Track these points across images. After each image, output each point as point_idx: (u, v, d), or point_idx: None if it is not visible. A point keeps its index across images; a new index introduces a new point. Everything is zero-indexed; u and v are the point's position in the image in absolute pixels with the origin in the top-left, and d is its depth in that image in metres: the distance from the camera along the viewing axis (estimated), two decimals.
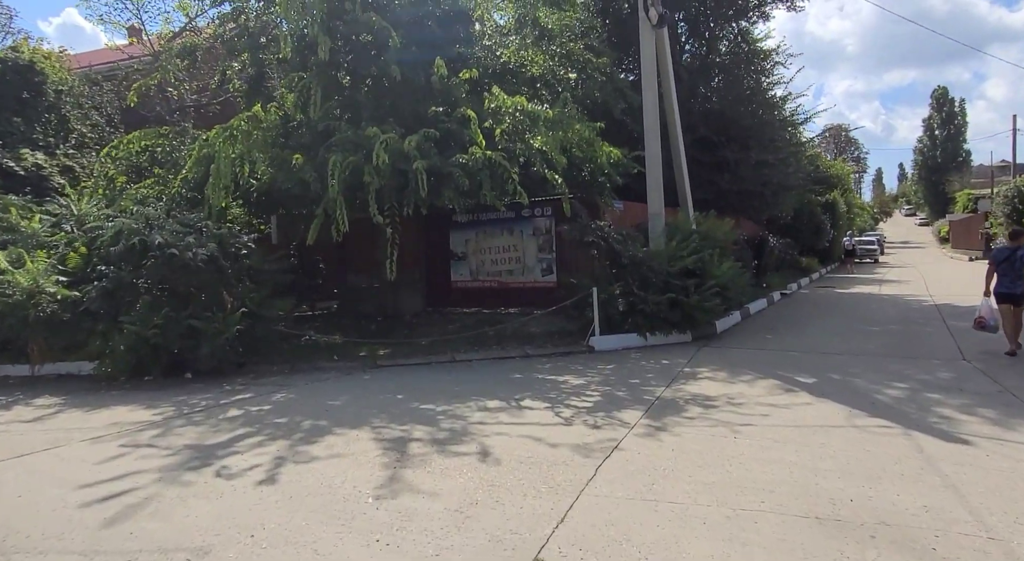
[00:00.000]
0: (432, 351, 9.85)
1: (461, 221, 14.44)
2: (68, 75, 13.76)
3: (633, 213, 13.56)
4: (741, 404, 6.51)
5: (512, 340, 10.57)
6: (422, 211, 9.77)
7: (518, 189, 8.98)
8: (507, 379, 8.05)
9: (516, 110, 9.26)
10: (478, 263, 14.24)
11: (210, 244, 8.31)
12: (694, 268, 10.56)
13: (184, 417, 6.39)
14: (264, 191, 10.53)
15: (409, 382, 7.98)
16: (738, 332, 11.51)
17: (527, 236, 13.67)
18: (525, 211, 13.68)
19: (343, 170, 8.95)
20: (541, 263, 13.55)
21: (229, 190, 9.28)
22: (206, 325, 8.07)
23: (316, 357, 9.52)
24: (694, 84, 17.20)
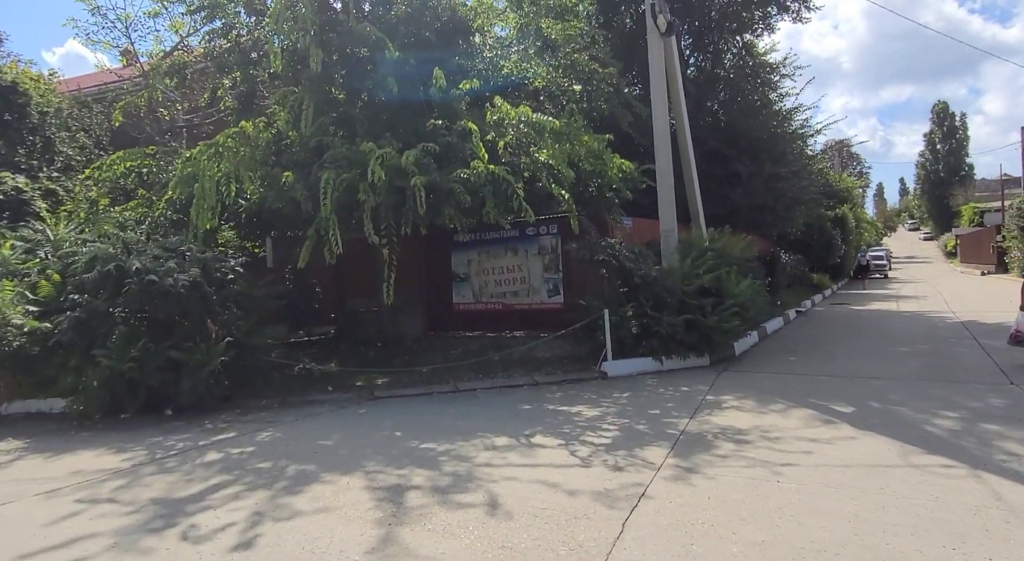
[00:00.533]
0: (434, 380, 9.19)
1: (463, 241, 13.86)
2: (54, 97, 13.31)
3: (642, 230, 12.97)
4: (777, 438, 5.84)
5: (519, 366, 9.91)
6: (421, 230, 9.19)
7: (523, 205, 8.40)
8: (515, 411, 7.38)
9: (520, 121, 8.71)
10: (481, 284, 13.62)
11: (193, 269, 7.71)
12: (711, 287, 9.94)
13: (156, 463, 5.72)
14: (254, 212, 9.96)
15: (408, 416, 7.32)
16: (758, 354, 10.83)
17: (532, 255, 13.07)
18: (530, 229, 13.10)
19: (336, 188, 8.39)
20: (547, 283, 12.93)
21: (215, 211, 8.71)
22: (187, 357, 7.44)
23: (309, 388, 8.86)
24: (700, 97, 16.73)
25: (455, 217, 8.83)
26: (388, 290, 8.59)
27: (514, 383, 8.84)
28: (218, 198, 8.61)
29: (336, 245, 8.14)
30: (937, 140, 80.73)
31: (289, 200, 9.06)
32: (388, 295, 8.60)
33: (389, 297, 8.60)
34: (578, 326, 9.98)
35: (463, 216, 9.00)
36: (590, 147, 8.82)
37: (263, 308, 8.97)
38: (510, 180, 8.43)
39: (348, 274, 14.97)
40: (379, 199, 8.49)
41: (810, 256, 22.30)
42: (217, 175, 8.42)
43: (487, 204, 8.68)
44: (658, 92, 10.71)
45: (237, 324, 8.29)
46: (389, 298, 8.60)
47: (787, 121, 16.85)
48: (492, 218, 8.72)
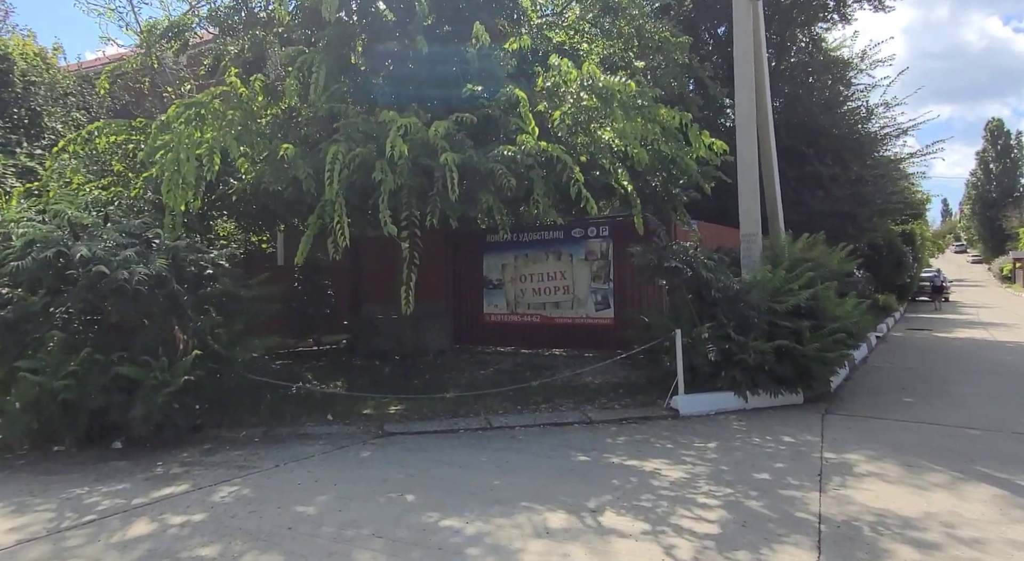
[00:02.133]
0: (460, 409, 7.34)
1: (496, 241, 12.02)
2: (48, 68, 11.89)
3: (708, 235, 11.00)
4: (976, 541, 3.86)
5: (565, 395, 8.02)
6: (451, 223, 7.38)
7: (584, 194, 6.52)
8: (569, 464, 5.49)
9: (584, 87, 6.84)
10: (517, 293, 11.77)
11: (158, 261, 5.99)
12: (808, 306, 7.94)
13: (51, 539, 3.94)
14: (249, 195, 8.25)
15: (427, 465, 5.47)
16: (858, 391, 8.78)
17: (578, 261, 11.19)
18: (576, 230, 11.24)
19: (346, 164, 6.63)
20: (595, 295, 11.03)
21: (198, 191, 7.01)
22: (142, 374, 5.71)
23: (305, 415, 7.07)
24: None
25: (494, 206, 6.99)
26: (408, 296, 6.78)
27: (562, 420, 6.94)
28: (200, 174, 6.89)
29: (343, 236, 6.36)
30: (990, 159, 76.76)
31: (290, 180, 7.34)
32: (407, 302, 6.79)
33: (408, 305, 6.78)
34: (640, 349, 8.06)
35: (504, 207, 7.17)
36: (670, 123, 6.92)
37: (252, 313, 7.23)
38: (567, 160, 6.57)
39: (366, 275, 13.26)
40: (400, 180, 6.70)
41: (878, 274, 20.03)
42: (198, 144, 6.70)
43: (536, 190, 6.84)
44: (744, 64, 8.78)
45: (216, 333, 6.56)
46: (408, 306, 6.78)
47: (868, 119, 14.75)
48: (541, 211, 6.87)
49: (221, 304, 7.05)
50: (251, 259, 13.55)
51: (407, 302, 6.77)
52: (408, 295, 6.78)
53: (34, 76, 11.48)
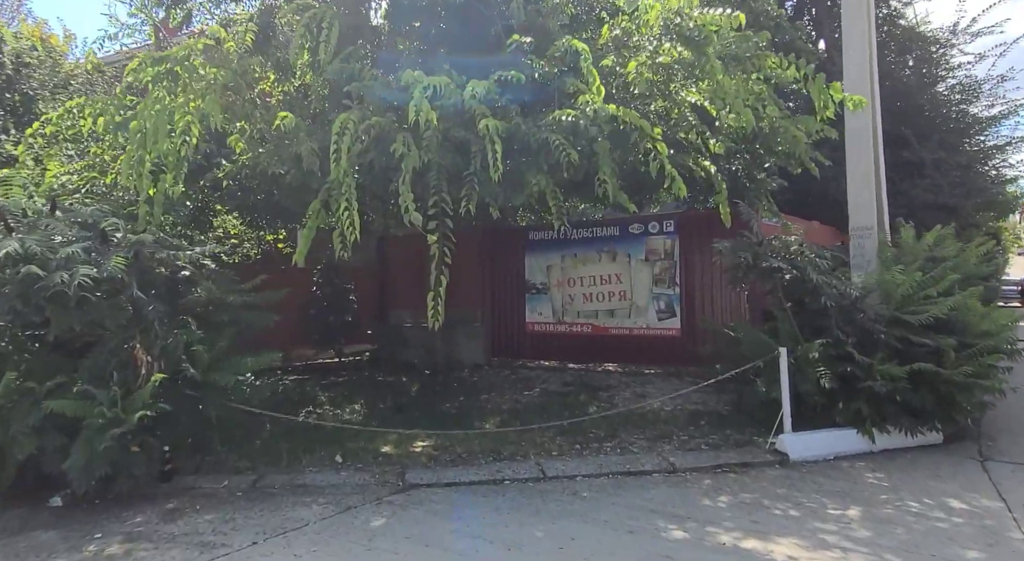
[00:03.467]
0: (503, 448, 5.77)
1: (540, 239, 10.49)
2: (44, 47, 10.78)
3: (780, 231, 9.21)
4: None
5: (632, 428, 6.39)
6: (491, 213, 5.84)
7: (669, 171, 4.90)
8: (660, 546, 3.89)
9: (667, 31, 5.21)
10: (564, 299, 10.18)
11: (115, 259, 4.58)
12: (949, 319, 6.17)
13: None
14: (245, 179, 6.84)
15: (460, 547, 3.92)
16: (1005, 425, 6.92)
17: (637, 261, 9.55)
18: (634, 226, 9.60)
19: (359, 137, 5.16)
20: (657, 301, 9.37)
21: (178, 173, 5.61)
22: (83, 409, 4.29)
23: (309, 455, 5.60)
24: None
25: (547, 191, 5.43)
26: (437, 304, 5.24)
27: (637, 467, 5.30)
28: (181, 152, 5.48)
29: (352, 229, 4.86)
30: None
31: (292, 159, 5.90)
32: (436, 312, 5.23)
33: (437, 316, 5.22)
34: (730, 372, 6.38)
35: (559, 192, 5.60)
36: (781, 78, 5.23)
37: (245, 324, 5.80)
38: (645, 128, 4.97)
39: (393, 278, 11.83)
40: (427, 157, 5.19)
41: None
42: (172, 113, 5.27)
43: (601, 169, 5.24)
44: (855, 13, 7.01)
45: (193, 351, 5.12)
46: (437, 317, 5.21)
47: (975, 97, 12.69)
48: (610, 195, 5.26)
49: (206, 314, 5.64)
50: (267, 260, 12.25)
51: (436, 312, 5.22)
52: (437, 304, 5.24)
53: (28, 58, 10.34)
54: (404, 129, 5.31)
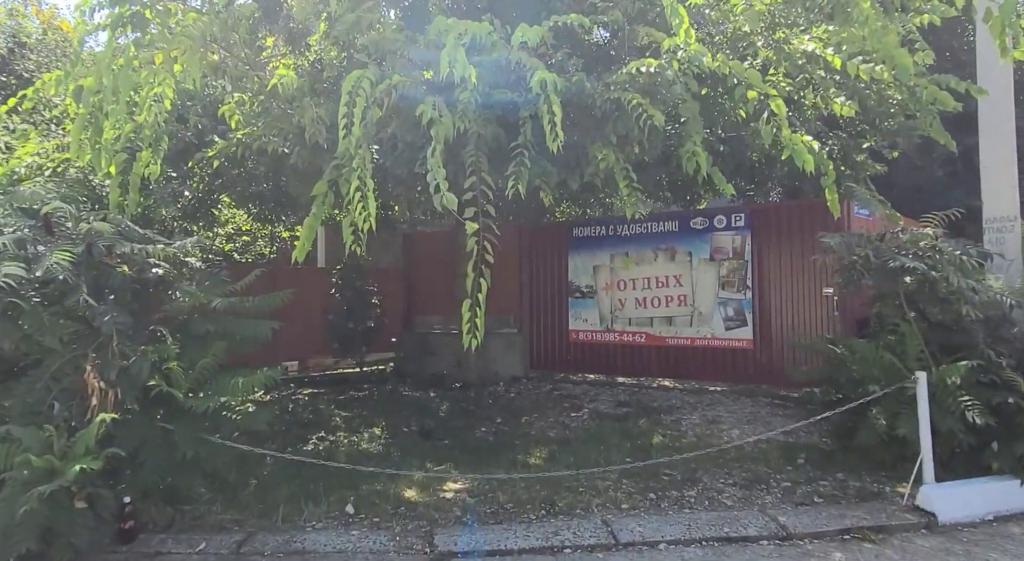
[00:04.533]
0: (557, 498, 4.54)
1: (586, 235, 9.26)
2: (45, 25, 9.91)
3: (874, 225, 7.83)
4: None
5: (716, 470, 5.11)
6: (544, 199, 4.65)
7: (792, 141, 3.65)
8: None
9: None
10: (613, 304, 8.93)
11: (57, 254, 3.49)
12: None
13: None
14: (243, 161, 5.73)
15: None
16: None
17: (700, 261, 8.26)
18: (697, 220, 8.31)
19: (375, 100, 4.01)
20: (724, 307, 8.07)
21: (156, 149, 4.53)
22: (2, 457, 3.19)
23: (313, 501, 4.45)
24: None
25: (616, 169, 4.21)
26: (475, 313, 4.02)
27: (738, 531, 4.04)
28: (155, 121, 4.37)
29: (365, 216, 3.69)
30: None
31: (296, 132, 4.78)
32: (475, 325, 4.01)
33: (477, 331, 4.00)
34: (848, 406, 5.07)
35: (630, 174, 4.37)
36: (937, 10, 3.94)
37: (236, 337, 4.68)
38: (755, 80, 3.72)
39: (420, 279, 10.69)
40: (463, 124, 4.03)
41: None
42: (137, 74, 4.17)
43: (691, 139, 4.00)
44: None
45: (167, 372, 4.02)
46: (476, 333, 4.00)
47: None
48: (702, 171, 4.02)
49: (187, 324, 4.53)
50: (284, 258, 11.25)
51: (474, 327, 4.01)
52: (475, 315, 4.03)
53: (24, 36, 9.45)
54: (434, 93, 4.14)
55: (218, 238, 9.90)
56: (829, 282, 7.29)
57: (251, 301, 5.00)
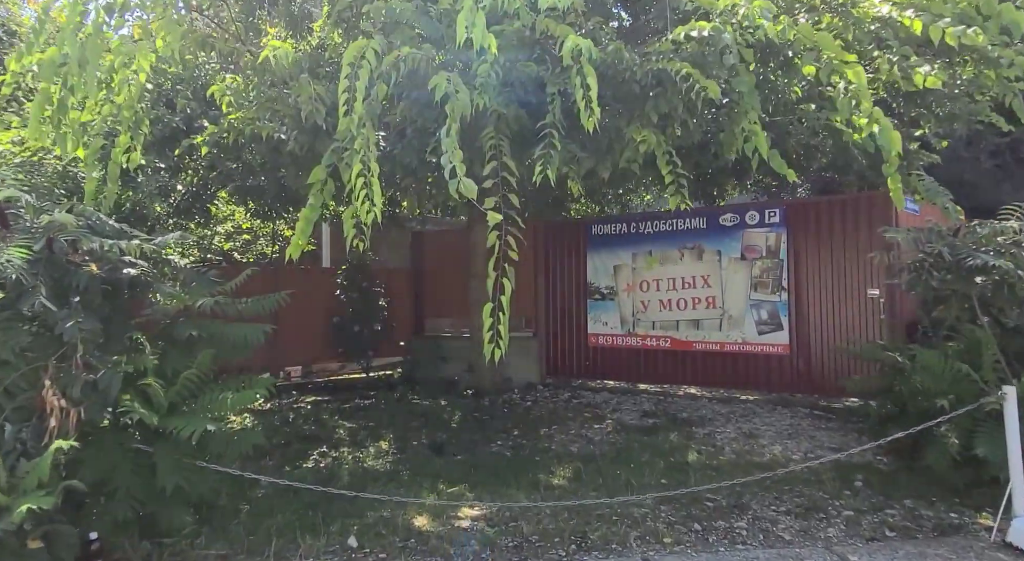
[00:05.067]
0: (588, 529, 3.99)
1: (606, 233, 8.71)
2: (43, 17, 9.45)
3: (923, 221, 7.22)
4: None
5: (765, 495, 4.55)
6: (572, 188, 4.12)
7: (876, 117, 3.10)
8: None
9: None
10: (635, 306, 8.37)
11: (11, 249, 2.98)
12: None
13: None
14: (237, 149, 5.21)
15: None
16: None
17: (730, 260, 7.69)
18: (727, 216, 7.75)
19: (384, 76, 3.49)
20: (757, 310, 7.49)
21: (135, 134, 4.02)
22: None
23: (311, 533, 3.92)
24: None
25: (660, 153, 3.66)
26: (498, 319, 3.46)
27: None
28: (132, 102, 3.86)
29: (369, 206, 3.16)
30: None
31: (291, 115, 4.25)
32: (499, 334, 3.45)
33: (501, 340, 3.44)
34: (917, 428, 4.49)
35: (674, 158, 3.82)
36: None
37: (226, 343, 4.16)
38: (827, 45, 3.16)
39: (430, 280, 10.16)
40: (481, 100, 3.49)
41: None
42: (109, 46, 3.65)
43: (746, 116, 3.45)
44: None
45: (142, 386, 3.50)
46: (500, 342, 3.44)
47: None
48: (763, 153, 3.47)
49: (168, 330, 4.01)
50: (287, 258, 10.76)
51: (498, 335, 3.47)
52: (499, 318, 3.48)
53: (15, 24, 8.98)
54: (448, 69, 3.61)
55: (217, 236, 9.41)
56: (875, 283, 6.73)
57: (244, 303, 4.49)
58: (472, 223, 8.40)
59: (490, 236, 3.50)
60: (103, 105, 4.06)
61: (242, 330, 4.31)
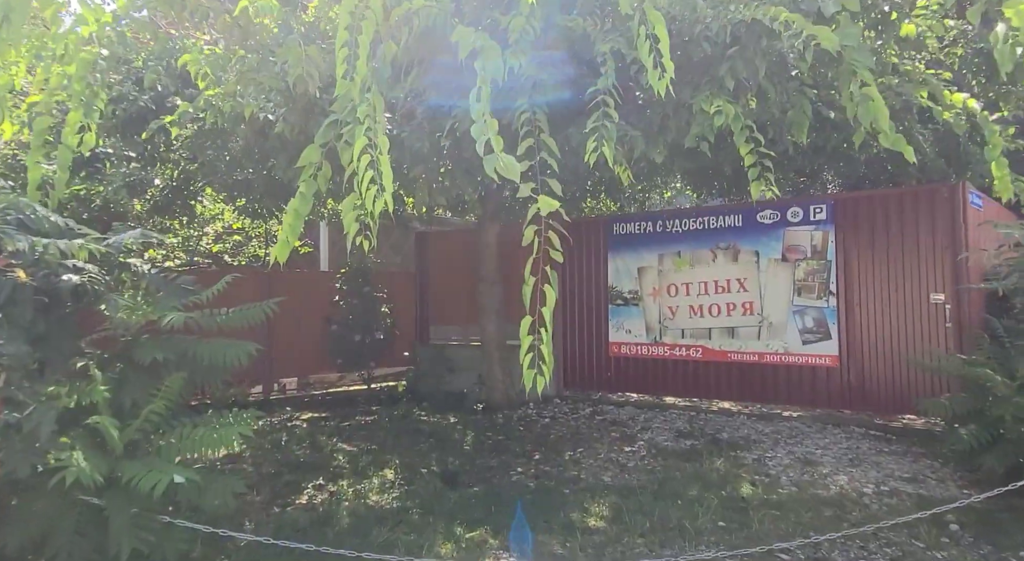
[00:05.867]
0: None
1: (628, 233, 7.99)
2: None
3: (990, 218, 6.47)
4: None
5: (849, 547, 3.81)
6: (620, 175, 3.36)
7: None
8: None
9: None
10: (662, 312, 7.64)
11: None
12: None
13: None
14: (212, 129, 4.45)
15: None
16: None
17: (769, 262, 6.96)
18: (765, 213, 7.02)
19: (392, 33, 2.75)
20: (802, 317, 6.76)
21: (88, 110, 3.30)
22: None
23: None
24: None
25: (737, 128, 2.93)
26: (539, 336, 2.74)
27: None
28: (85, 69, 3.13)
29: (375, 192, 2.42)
30: None
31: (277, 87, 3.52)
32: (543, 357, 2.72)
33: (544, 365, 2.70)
34: None
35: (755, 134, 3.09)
36: None
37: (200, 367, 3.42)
38: None
39: (436, 285, 9.42)
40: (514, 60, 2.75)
41: None
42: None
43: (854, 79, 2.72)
44: None
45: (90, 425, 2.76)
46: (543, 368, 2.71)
47: None
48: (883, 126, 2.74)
49: (132, 350, 3.27)
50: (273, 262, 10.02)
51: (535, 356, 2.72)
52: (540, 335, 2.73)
53: None
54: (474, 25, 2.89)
55: (205, 238, 8.67)
56: (939, 286, 6.00)
57: (223, 315, 3.75)
58: (483, 222, 7.67)
59: (527, 232, 2.75)
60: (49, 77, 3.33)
61: (222, 348, 3.57)
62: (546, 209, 2.42)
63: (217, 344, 3.60)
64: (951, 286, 5.92)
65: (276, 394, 8.57)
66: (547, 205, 2.42)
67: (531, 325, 2.70)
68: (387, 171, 2.43)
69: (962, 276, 5.82)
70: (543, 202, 2.42)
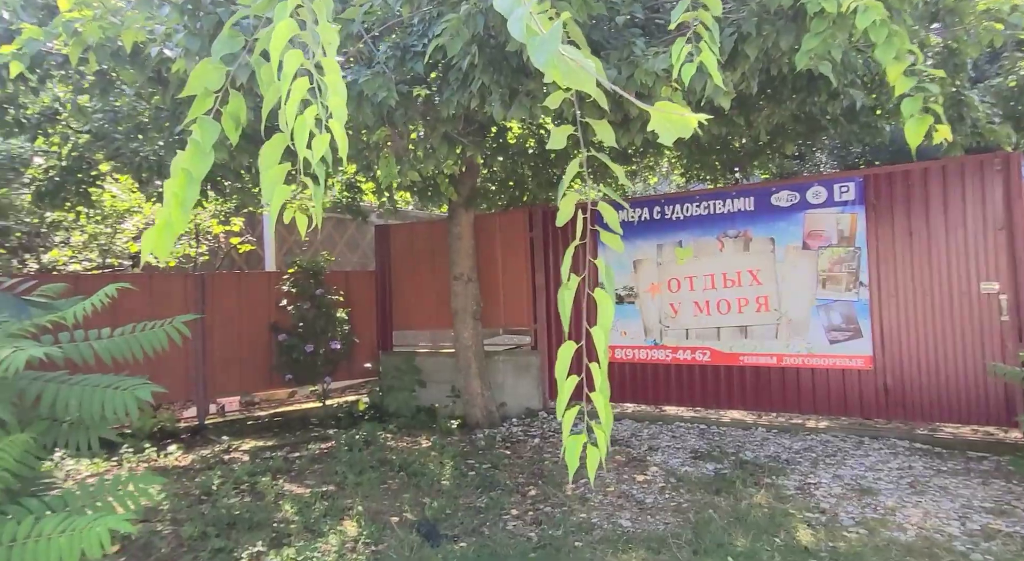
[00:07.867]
0: None
1: (620, 219, 7.01)
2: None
3: None
4: None
5: None
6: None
7: None
8: None
9: None
10: (663, 310, 6.67)
11: None
12: None
13: None
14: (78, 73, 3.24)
15: None
16: None
17: (786, 249, 6.05)
18: (782, 195, 6.12)
19: None
20: (828, 313, 5.87)
21: None
22: None
23: None
24: None
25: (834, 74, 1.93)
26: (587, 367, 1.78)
27: None
28: None
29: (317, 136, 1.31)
30: None
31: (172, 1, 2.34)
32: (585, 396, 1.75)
33: (601, 442, 1.73)
34: None
35: None
36: None
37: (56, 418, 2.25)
38: None
39: (399, 284, 8.27)
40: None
41: None
42: None
43: None
44: None
45: None
46: (600, 454, 1.72)
47: None
48: None
49: None
50: (223, 263, 8.70)
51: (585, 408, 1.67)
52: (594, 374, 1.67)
53: None
54: None
55: (122, 234, 7.30)
56: (992, 274, 5.18)
57: (102, 342, 2.59)
58: (455, 210, 6.58)
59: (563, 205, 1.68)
60: None
61: (100, 393, 2.40)
62: (607, 140, 1.37)
63: (94, 385, 2.43)
64: (1007, 273, 5.11)
65: (214, 417, 7.31)
66: (606, 133, 1.37)
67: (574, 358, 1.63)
68: (339, 102, 1.33)
69: (1021, 261, 5.02)
70: (600, 129, 1.37)
